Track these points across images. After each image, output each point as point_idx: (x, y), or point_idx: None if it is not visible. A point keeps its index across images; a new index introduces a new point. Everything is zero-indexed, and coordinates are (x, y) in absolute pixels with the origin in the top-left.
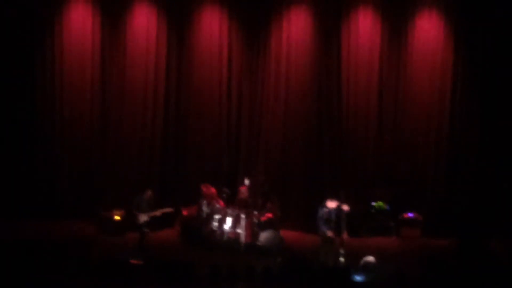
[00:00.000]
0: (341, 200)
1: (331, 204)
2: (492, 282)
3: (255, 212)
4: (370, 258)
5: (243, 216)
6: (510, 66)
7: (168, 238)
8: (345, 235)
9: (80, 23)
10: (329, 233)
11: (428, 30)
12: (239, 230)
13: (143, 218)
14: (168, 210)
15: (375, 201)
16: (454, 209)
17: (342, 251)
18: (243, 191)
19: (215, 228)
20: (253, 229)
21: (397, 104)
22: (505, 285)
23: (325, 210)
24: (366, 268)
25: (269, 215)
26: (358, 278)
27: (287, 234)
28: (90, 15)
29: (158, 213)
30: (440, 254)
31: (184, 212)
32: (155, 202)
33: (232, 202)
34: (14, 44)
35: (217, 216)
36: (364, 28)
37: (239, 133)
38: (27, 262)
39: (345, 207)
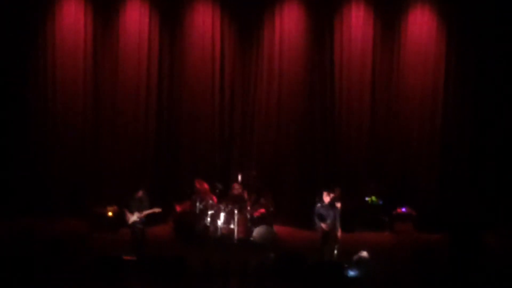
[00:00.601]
0: (336, 197)
1: (327, 198)
2: (486, 275)
3: (248, 208)
4: (364, 253)
5: (236, 211)
6: (502, 60)
7: (161, 234)
8: (339, 232)
9: (72, 19)
10: (324, 226)
11: (421, 25)
12: (232, 226)
13: (133, 218)
14: (157, 210)
15: (368, 196)
16: (447, 203)
17: (336, 247)
18: (236, 186)
19: (208, 224)
20: (246, 225)
21: (390, 99)
22: (498, 278)
23: (320, 205)
24: (360, 263)
25: (262, 210)
26: (352, 273)
27: (280, 230)
28: (82, 11)
29: (148, 212)
30: (433, 248)
31: (178, 208)
32: (148, 199)
33: (225, 198)
34: (6, 41)
35: (210, 212)
36: (357, 24)
37: (232, 129)
38: (21, 259)
39: (338, 205)
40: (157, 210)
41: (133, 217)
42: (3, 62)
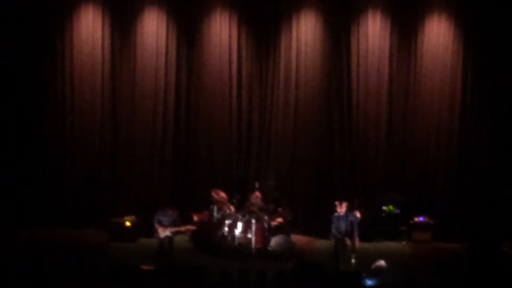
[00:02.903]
0: (354, 207)
1: (340, 208)
2: (505, 285)
3: (266, 217)
4: (381, 263)
5: (253, 221)
6: None
7: (179, 243)
8: (357, 241)
9: (90, 28)
10: (348, 241)
11: (438, 34)
12: (249, 235)
13: (165, 233)
14: (190, 227)
15: (386, 205)
16: (465, 213)
17: (353, 256)
18: (254, 196)
19: (226, 234)
20: (264, 234)
21: (407, 108)
22: None
23: (336, 215)
24: (377, 273)
25: (280, 220)
26: (369, 282)
27: (298, 239)
28: (100, 20)
29: (181, 229)
30: (452, 258)
31: (195, 218)
32: (178, 216)
33: (243, 207)
34: (24, 50)
35: (227, 222)
36: (373, 33)
37: (250, 138)
38: (38, 270)
39: (358, 214)
40: (190, 227)
41: (166, 232)
42: (21, 71)
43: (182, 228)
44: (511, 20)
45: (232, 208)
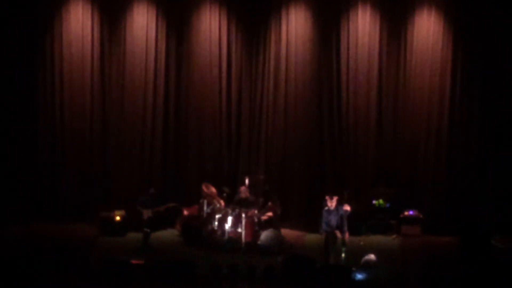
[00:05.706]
0: (343, 200)
1: (331, 202)
2: (494, 279)
3: (256, 211)
4: (371, 257)
5: (243, 215)
6: (510, 63)
7: (169, 237)
8: (347, 235)
9: (80, 23)
10: (338, 234)
11: (427, 28)
12: (239, 230)
13: (147, 214)
14: (171, 205)
15: (376, 199)
16: (455, 207)
17: (343, 250)
18: (244, 190)
19: (216, 228)
20: (254, 228)
21: (397, 102)
22: (507, 282)
23: (326, 210)
24: (367, 266)
25: (270, 214)
26: (359, 276)
27: (288, 233)
28: (89, 15)
29: (162, 208)
30: (441, 252)
31: (185, 212)
32: (159, 197)
33: (233, 202)
34: (13, 45)
35: (217, 216)
36: (363, 27)
37: (239, 132)
38: (29, 264)
39: (347, 207)
40: (172, 204)
41: (148, 213)
42: (11, 67)
43: (161, 208)
44: (501, 15)
45: (222, 202)
